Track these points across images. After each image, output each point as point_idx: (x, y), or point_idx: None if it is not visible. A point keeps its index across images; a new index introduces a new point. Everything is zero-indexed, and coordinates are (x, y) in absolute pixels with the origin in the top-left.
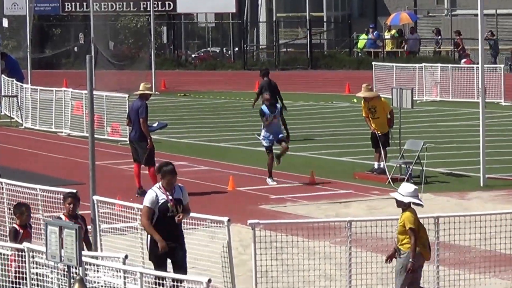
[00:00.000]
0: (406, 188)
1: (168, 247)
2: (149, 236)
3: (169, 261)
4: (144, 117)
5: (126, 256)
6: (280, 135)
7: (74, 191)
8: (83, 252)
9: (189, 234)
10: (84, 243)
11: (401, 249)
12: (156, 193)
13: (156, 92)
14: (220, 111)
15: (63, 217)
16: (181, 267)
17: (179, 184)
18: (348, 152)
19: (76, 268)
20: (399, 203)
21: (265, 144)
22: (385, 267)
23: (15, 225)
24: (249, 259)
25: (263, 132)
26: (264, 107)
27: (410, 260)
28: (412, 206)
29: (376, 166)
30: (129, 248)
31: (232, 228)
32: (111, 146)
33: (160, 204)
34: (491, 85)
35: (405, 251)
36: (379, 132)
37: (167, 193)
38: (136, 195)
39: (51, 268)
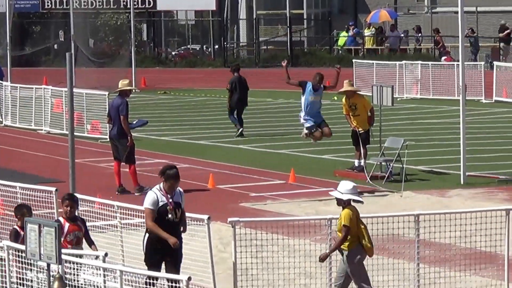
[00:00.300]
0: (345, 185)
1: (165, 250)
2: (145, 239)
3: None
4: (124, 114)
5: (106, 254)
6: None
7: (69, 193)
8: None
9: None
10: (88, 245)
11: (343, 249)
12: (156, 194)
13: (136, 90)
14: (200, 108)
15: (61, 219)
16: (174, 269)
17: (179, 189)
18: (329, 150)
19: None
20: (339, 201)
21: (307, 125)
22: (366, 265)
23: (16, 227)
24: (229, 257)
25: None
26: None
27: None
28: (352, 203)
29: (356, 164)
30: (109, 246)
31: (212, 226)
32: (91, 144)
33: (159, 206)
34: (471, 83)
35: (346, 250)
36: (359, 130)
37: (168, 196)
38: (116, 193)
39: (31, 266)
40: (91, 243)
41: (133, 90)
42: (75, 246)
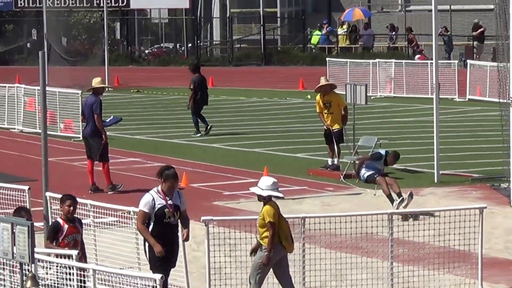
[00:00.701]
0: (265, 181)
1: (166, 254)
2: (146, 244)
3: None
4: (98, 112)
5: (78, 253)
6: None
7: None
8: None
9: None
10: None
11: (262, 243)
12: (153, 197)
13: (110, 88)
14: (173, 107)
15: (60, 220)
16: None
17: (178, 189)
18: (302, 149)
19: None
20: (259, 197)
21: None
22: (339, 264)
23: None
24: (202, 256)
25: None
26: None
27: (266, 253)
28: (273, 199)
29: (330, 163)
30: None
31: None
32: (64, 143)
33: (157, 209)
34: (445, 81)
35: (266, 245)
36: (333, 128)
37: (166, 198)
38: (90, 191)
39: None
40: (83, 246)
41: (106, 89)
42: (72, 249)
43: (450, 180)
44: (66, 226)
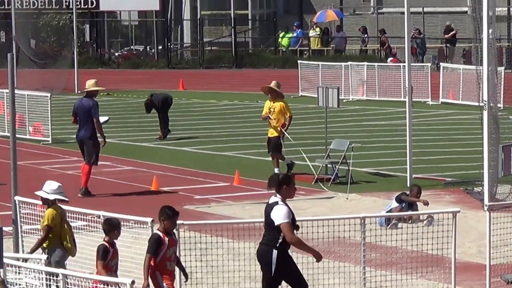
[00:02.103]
0: (50, 185)
1: None
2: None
3: None
4: (97, 116)
5: (48, 258)
6: None
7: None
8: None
9: None
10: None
11: (44, 247)
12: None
13: (79, 92)
14: (143, 110)
15: (160, 233)
16: None
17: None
18: None
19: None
20: (44, 201)
21: None
22: (311, 268)
23: (104, 243)
24: None
25: None
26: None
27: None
28: (58, 203)
29: (276, 171)
30: None
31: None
32: (33, 146)
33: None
34: (418, 84)
35: (46, 248)
36: (270, 135)
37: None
38: (79, 195)
39: None
40: (179, 261)
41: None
42: (173, 263)
43: (423, 184)
44: (166, 239)
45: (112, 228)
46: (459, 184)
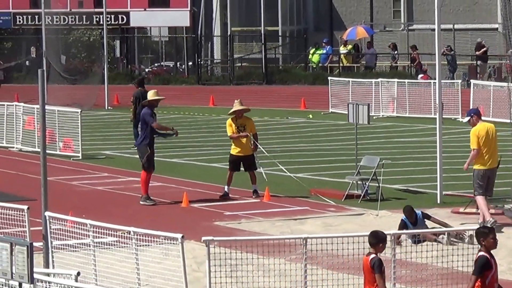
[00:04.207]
0: None
1: None
2: None
3: None
4: (151, 122)
5: (78, 273)
6: None
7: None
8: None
9: (142, 251)
10: None
11: None
12: None
13: (109, 107)
14: (174, 126)
15: (486, 255)
16: None
17: None
18: (304, 168)
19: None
20: None
21: None
22: (342, 285)
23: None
24: (203, 276)
25: None
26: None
27: None
28: None
29: (226, 190)
30: (81, 265)
31: (186, 245)
32: (63, 162)
33: None
34: (448, 101)
35: None
36: (243, 154)
37: None
38: (141, 202)
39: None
40: None
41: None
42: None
43: (453, 200)
44: (492, 261)
45: (378, 241)
46: (489, 201)
